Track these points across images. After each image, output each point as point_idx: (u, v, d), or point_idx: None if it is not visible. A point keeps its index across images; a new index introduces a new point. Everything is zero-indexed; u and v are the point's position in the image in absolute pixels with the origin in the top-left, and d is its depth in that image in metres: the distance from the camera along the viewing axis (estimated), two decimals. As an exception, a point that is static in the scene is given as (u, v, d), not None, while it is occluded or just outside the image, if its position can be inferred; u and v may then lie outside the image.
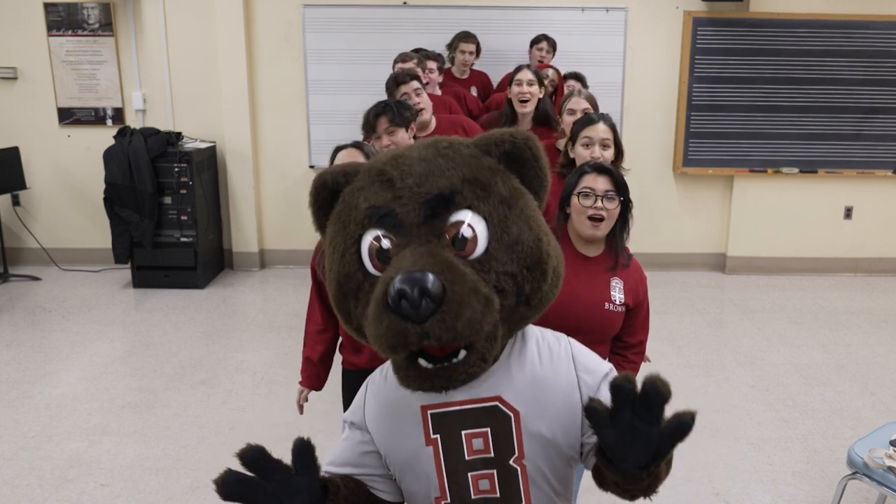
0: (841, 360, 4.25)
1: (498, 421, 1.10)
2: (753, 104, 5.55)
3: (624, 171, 2.46)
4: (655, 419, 0.88)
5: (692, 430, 0.87)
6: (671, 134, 5.69)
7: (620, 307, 2.12)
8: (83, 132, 5.68)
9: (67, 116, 5.65)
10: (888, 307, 5.14)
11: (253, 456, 0.94)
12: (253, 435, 3.36)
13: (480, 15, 5.42)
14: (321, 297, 2.35)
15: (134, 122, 5.65)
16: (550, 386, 1.11)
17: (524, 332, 1.16)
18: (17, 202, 5.79)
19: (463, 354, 0.97)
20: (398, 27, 5.47)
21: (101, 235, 5.69)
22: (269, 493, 0.94)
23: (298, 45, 5.56)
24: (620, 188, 2.10)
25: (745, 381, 3.97)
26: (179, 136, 5.50)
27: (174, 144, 5.34)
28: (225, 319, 4.82)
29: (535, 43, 4.91)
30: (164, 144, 5.25)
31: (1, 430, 3.40)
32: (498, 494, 1.13)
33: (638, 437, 0.89)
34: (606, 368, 1.15)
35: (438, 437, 1.12)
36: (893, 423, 2.65)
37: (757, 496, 2.97)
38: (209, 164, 5.56)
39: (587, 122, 2.60)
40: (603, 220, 2.07)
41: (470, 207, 1.00)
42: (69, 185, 5.78)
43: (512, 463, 1.11)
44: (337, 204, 1.09)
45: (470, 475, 1.12)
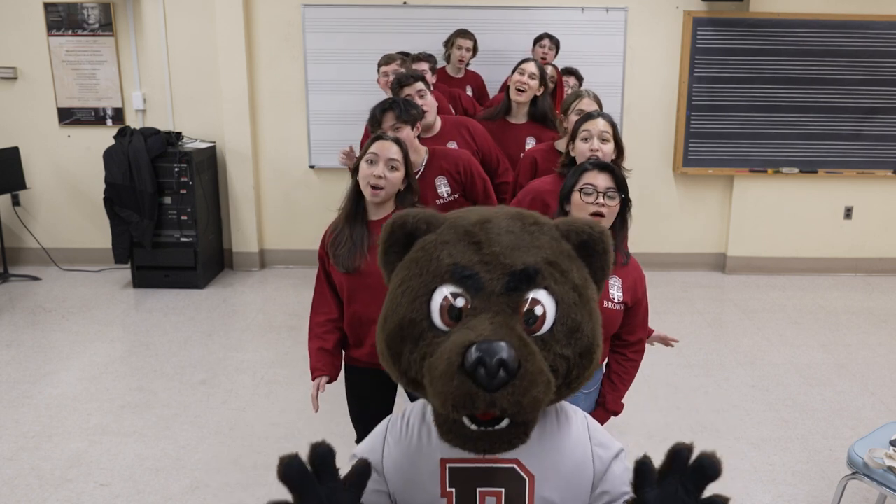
0: (841, 360, 4.25)
1: (513, 483, 1.14)
2: (753, 104, 5.55)
3: (626, 171, 2.46)
4: (698, 492, 0.91)
5: None
6: (671, 134, 5.69)
7: (619, 305, 2.13)
8: (83, 132, 5.68)
9: (67, 116, 5.65)
10: (888, 307, 5.14)
11: (323, 453, 0.95)
12: (253, 435, 3.37)
13: (480, 15, 5.42)
14: (331, 286, 2.34)
15: (134, 122, 5.65)
16: (566, 455, 1.16)
17: None
18: (17, 202, 5.79)
19: (506, 423, 1.00)
20: (398, 27, 5.47)
21: (101, 235, 5.69)
22: (318, 494, 0.95)
23: (298, 45, 5.56)
24: (621, 186, 2.10)
25: (745, 381, 3.97)
26: (179, 136, 5.50)
27: (174, 144, 5.34)
28: (225, 319, 4.82)
29: (537, 41, 4.91)
30: (164, 144, 5.25)
31: (1, 430, 3.40)
32: None
33: (677, 503, 0.92)
34: (618, 448, 1.20)
35: (454, 490, 1.16)
36: (893, 423, 2.64)
37: (757, 496, 2.96)
38: (209, 164, 5.56)
39: (587, 117, 2.61)
40: (603, 216, 2.07)
41: (547, 288, 1.04)
42: (69, 185, 5.78)
43: None
44: (414, 249, 1.12)
45: None
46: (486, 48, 5.16)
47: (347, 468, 1.05)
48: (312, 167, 5.75)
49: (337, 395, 2.45)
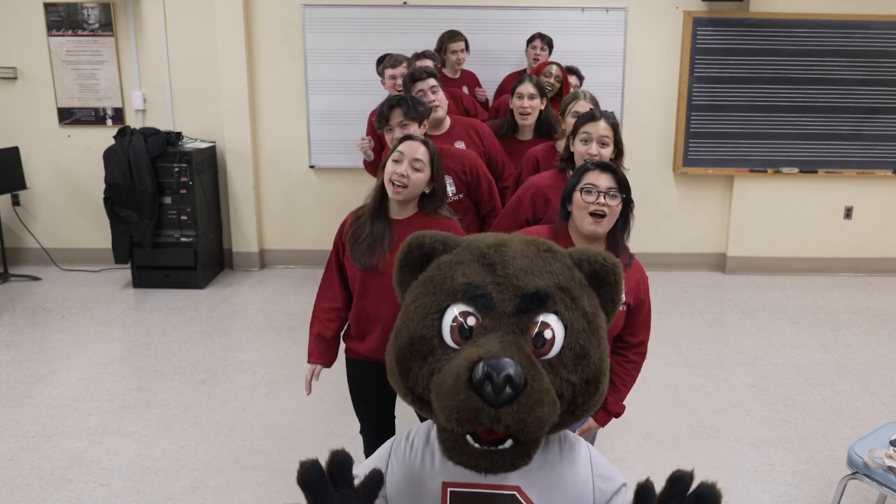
0: (841, 360, 4.25)
1: None
2: (753, 104, 5.55)
3: (624, 170, 2.45)
4: None
5: None
6: (671, 134, 5.69)
7: (622, 306, 2.12)
8: (83, 132, 5.68)
9: (67, 116, 5.65)
10: (888, 307, 5.14)
11: (341, 461, 0.96)
12: (253, 435, 3.37)
13: (480, 15, 5.42)
14: (341, 274, 2.36)
15: (134, 122, 5.65)
16: (567, 484, 1.17)
17: None
18: (17, 202, 5.79)
19: (509, 444, 1.00)
20: (398, 27, 5.46)
21: (101, 235, 5.69)
22: (333, 502, 0.96)
23: (298, 45, 5.56)
24: (623, 186, 2.10)
25: (745, 381, 3.97)
26: (179, 136, 5.50)
27: (174, 144, 5.34)
28: (225, 319, 4.82)
29: (530, 41, 4.91)
30: (164, 144, 5.25)
31: (1, 430, 3.40)
32: None
33: None
34: (621, 481, 1.20)
35: None
36: (893, 423, 2.64)
37: (757, 496, 2.96)
38: (209, 164, 5.56)
39: (589, 118, 2.58)
40: (605, 216, 2.07)
41: (557, 312, 1.06)
42: (69, 185, 5.78)
43: None
44: (429, 268, 1.15)
45: None
46: (485, 48, 5.15)
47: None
48: (312, 167, 5.75)
49: (337, 395, 2.45)
